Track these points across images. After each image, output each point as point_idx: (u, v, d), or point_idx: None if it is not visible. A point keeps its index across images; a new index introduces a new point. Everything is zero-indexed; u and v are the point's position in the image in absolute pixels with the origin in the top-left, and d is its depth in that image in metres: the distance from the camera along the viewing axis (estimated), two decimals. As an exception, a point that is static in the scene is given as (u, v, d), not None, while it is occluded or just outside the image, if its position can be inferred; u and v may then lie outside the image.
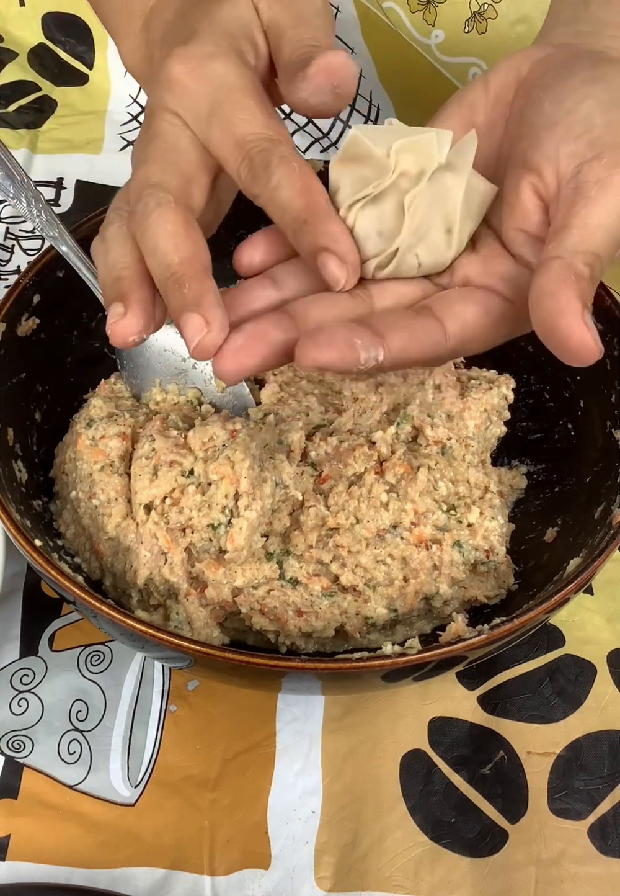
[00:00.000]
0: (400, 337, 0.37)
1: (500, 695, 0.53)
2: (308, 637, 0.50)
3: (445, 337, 0.38)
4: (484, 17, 0.69)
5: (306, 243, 0.37)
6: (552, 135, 0.39)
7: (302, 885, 0.47)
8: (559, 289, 0.35)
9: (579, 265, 0.36)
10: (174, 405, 0.55)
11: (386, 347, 0.37)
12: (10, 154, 0.55)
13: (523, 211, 0.40)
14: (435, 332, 0.38)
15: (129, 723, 0.52)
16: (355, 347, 0.36)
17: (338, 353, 0.36)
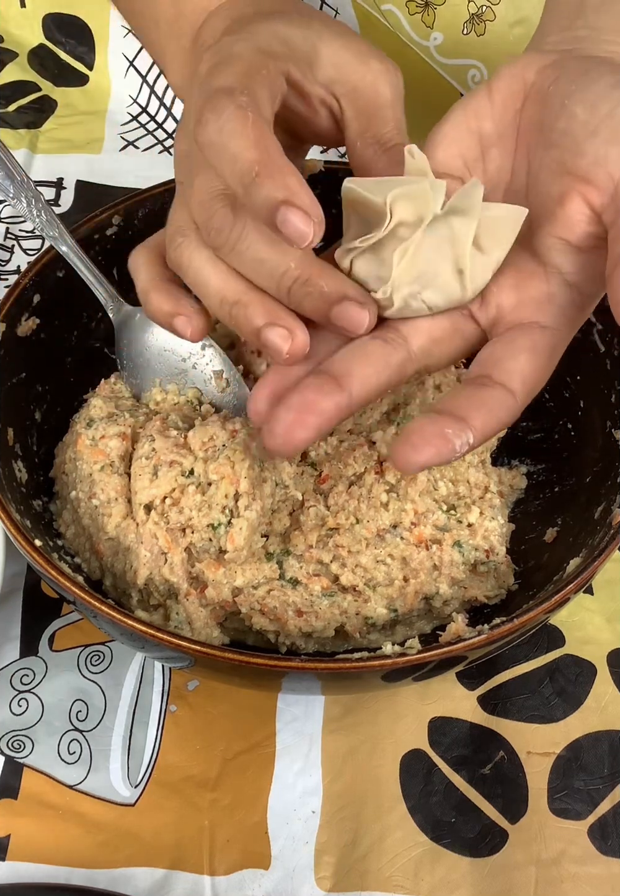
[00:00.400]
0: (481, 416, 0.37)
1: (500, 695, 0.53)
2: (308, 637, 0.50)
3: (515, 398, 0.38)
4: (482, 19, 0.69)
5: (261, 199, 0.35)
6: (596, 140, 0.38)
7: (302, 885, 0.47)
8: None
9: None
10: (174, 405, 0.55)
11: (473, 427, 0.37)
12: (10, 154, 0.55)
13: (567, 220, 0.39)
14: (507, 399, 0.38)
15: (129, 723, 0.52)
16: (449, 438, 0.36)
17: (436, 449, 0.36)
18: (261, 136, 0.36)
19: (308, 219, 0.35)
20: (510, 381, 0.38)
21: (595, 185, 0.38)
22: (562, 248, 0.40)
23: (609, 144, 0.38)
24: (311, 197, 0.35)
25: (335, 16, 0.73)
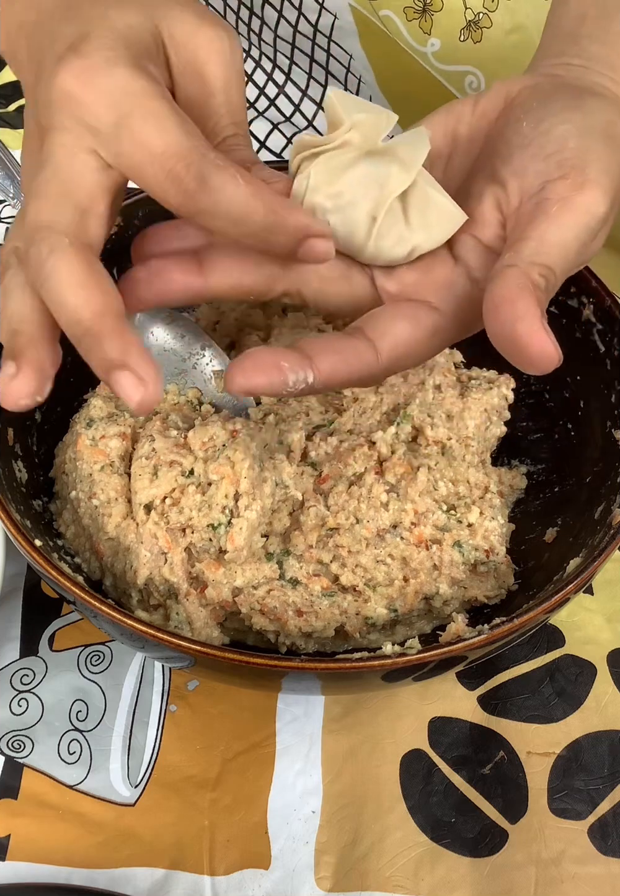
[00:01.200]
0: (329, 359, 0.38)
1: (500, 695, 0.53)
2: (308, 637, 0.50)
3: (377, 356, 0.39)
4: (479, 26, 0.69)
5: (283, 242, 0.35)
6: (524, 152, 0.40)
7: (302, 885, 0.47)
8: (518, 296, 0.35)
9: (535, 275, 0.36)
10: (174, 405, 0.55)
11: (316, 369, 0.37)
12: (11, 154, 0.55)
13: (481, 219, 0.40)
14: (366, 353, 0.39)
15: (129, 723, 0.52)
16: (283, 370, 0.36)
17: (266, 377, 0.36)
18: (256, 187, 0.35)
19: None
20: (379, 340, 0.39)
21: (506, 193, 0.39)
22: (473, 245, 0.40)
23: (533, 159, 0.39)
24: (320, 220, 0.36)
25: (334, 20, 0.74)
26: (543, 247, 0.37)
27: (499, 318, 0.35)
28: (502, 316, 0.35)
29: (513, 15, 0.68)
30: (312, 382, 0.37)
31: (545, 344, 0.34)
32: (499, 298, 0.35)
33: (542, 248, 0.37)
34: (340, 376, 0.38)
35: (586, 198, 0.38)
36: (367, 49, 0.74)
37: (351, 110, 0.40)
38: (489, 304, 0.36)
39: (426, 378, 0.54)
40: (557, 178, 0.38)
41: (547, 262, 0.37)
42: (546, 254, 0.37)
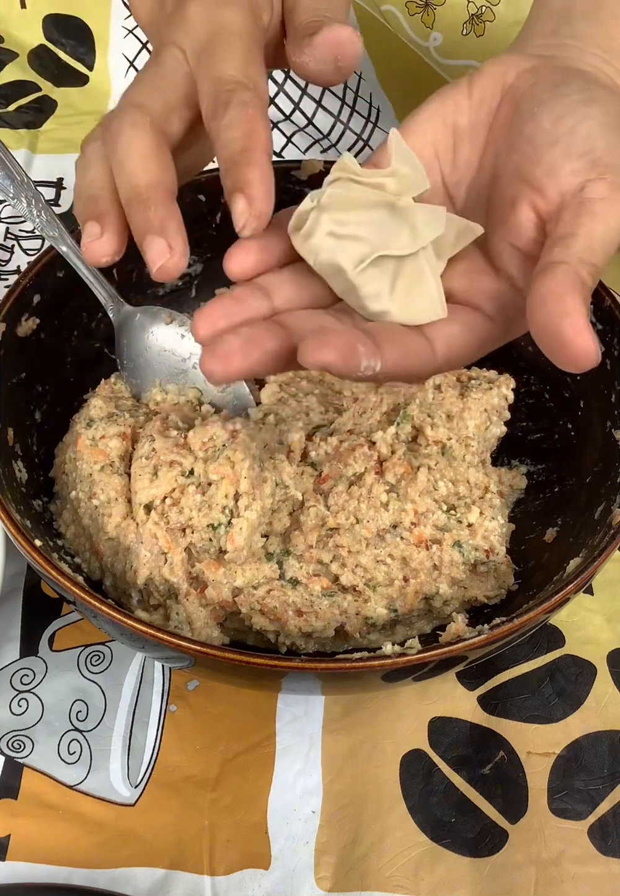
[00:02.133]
0: (396, 351, 0.38)
1: (500, 695, 0.53)
2: (308, 637, 0.50)
3: (434, 355, 0.39)
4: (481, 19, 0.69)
5: (229, 182, 0.38)
6: (553, 152, 0.39)
7: (302, 885, 0.47)
8: (566, 292, 0.35)
9: (584, 273, 0.36)
10: (174, 405, 0.55)
11: (383, 359, 0.37)
12: (10, 154, 0.55)
13: (517, 225, 0.40)
14: (427, 350, 0.39)
15: (129, 723, 0.52)
16: (357, 353, 0.36)
17: (341, 355, 0.36)
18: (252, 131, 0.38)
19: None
20: (436, 340, 0.39)
21: (543, 195, 0.39)
22: (512, 253, 0.40)
23: (564, 158, 0.39)
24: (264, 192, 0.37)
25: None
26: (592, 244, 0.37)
27: (546, 311, 0.35)
28: (549, 310, 0.35)
29: (516, 8, 0.68)
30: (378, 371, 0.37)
31: (589, 344, 0.34)
32: (548, 293, 0.35)
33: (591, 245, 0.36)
34: (401, 370, 0.38)
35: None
36: (368, 44, 0.74)
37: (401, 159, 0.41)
38: (536, 298, 0.35)
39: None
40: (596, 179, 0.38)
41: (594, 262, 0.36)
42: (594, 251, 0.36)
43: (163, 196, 0.38)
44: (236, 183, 0.37)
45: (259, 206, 0.37)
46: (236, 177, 0.37)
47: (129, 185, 0.38)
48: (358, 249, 0.39)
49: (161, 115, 0.40)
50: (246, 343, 0.36)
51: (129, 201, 0.38)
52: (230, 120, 0.38)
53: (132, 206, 0.38)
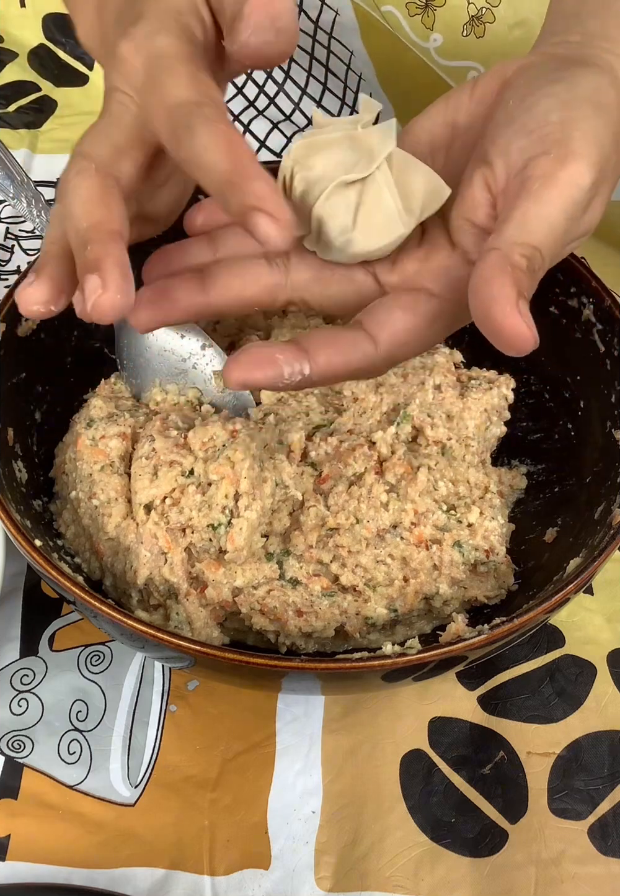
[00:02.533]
0: (326, 351, 0.38)
1: (500, 695, 0.53)
2: (308, 637, 0.50)
3: (375, 347, 0.39)
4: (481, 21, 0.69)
5: (234, 204, 0.36)
6: (508, 130, 0.39)
7: (302, 885, 0.47)
8: (493, 277, 0.35)
9: (515, 256, 0.36)
10: (174, 405, 0.55)
11: (313, 361, 0.38)
12: (10, 154, 0.55)
13: (472, 201, 0.40)
14: (364, 344, 0.39)
15: (129, 723, 0.52)
16: (277, 363, 0.37)
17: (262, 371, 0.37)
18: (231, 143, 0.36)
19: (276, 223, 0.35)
20: (376, 330, 0.39)
21: (493, 172, 0.39)
22: (468, 228, 0.40)
23: (516, 135, 0.39)
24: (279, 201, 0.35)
25: (335, 17, 0.73)
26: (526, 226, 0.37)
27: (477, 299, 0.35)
28: (480, 297, 0.35)
29: (517, 10, 0.68)
30: (309, 374, 0.38)
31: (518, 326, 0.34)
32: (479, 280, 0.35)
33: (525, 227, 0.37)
34: (337, 368, 0.39)
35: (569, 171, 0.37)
36: (368, 45, 0.74)
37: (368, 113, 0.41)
38: (471, 286, 0.36)
39: (426, 378, 0.54)
40: (540, 155, 0.37)
41: (531, 242, 0.36)
42: (529, 233, 0.36)
43: (104, 236, 0.36)
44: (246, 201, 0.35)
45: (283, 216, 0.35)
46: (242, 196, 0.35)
47: (74, 231, 0.37)
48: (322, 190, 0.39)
49: (108, 160, 0.39)
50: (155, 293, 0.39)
51: (75, 247, 0.37)
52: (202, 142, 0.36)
53: (76, 252, 0.37)
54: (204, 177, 0.37)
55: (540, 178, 0.37)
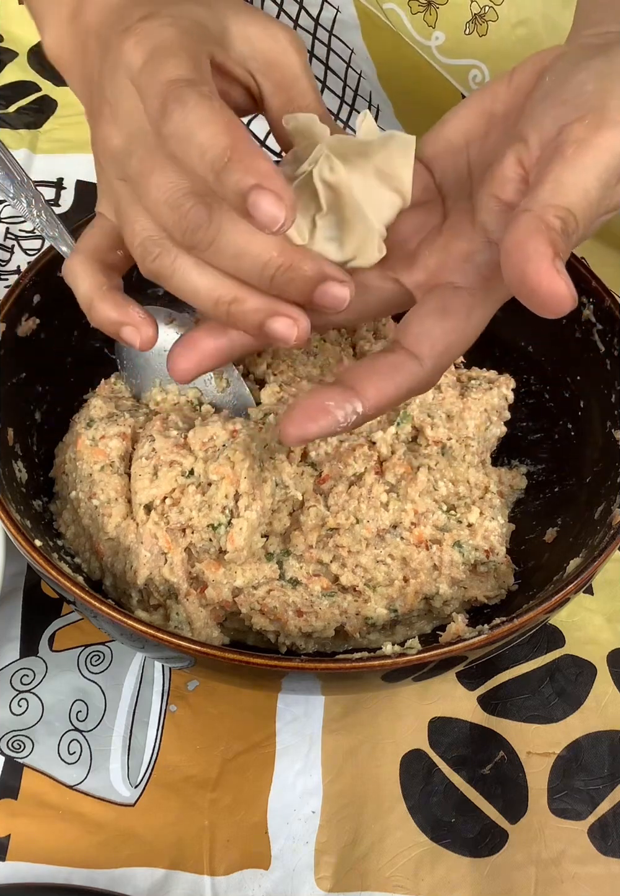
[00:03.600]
0: (374, 383, 0.37)
1: (500, 695, 0.53)
2: (308, 637, 0.50)
3: (420, 363, 0.38)
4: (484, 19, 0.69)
5: (232, 183, 0.34)
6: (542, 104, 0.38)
7: (302, 885, 0.47)
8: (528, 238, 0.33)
9: (549, 216, 0.34)
10: (174, 405, 0.55)
11: (363, 398, 0.37)
12: (10, 154, 0.55)
13: (501, 177, 0.39)
14: (409, 364, 0.38)
15: (129, 723, 0.52)
16: (329, 411, 0.36)
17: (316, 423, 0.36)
18: (230, 122, 0.35)
19: (280, 202, 0.33)
20: (415, 346, 0.38)
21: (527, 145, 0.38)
22: (493, 205, 0.39)
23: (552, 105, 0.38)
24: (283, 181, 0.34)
25: (336, 14, 0.73)
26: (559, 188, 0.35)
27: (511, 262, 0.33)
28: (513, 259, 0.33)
29: (520, 8, 0.68)
30: (363, 412, 0.37)
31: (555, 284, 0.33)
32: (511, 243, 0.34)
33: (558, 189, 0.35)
34: (389, 396, 0.38)
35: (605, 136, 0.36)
36: (369, 43, 0.74)
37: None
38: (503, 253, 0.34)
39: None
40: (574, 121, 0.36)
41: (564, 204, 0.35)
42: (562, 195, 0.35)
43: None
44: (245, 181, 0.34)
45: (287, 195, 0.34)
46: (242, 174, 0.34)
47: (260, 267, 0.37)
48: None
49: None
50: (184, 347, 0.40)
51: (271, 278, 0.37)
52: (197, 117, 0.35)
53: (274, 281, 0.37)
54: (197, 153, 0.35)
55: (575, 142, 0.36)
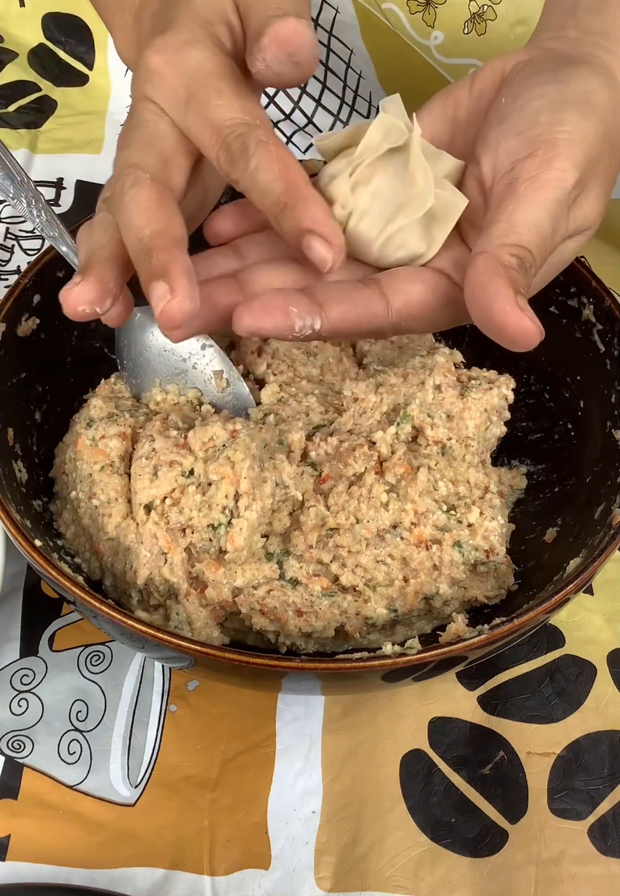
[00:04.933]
0: (339, 307, 0.38)
1: (500, 695, 0.53)
2: (308, 637, 0.50)
3: (387, 310, 0.39)
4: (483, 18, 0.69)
5: (288, 227, 0.37)
6: (498, 129, 0.40)
7: (302, 886, 0.47)
8: (488, 280, 0.36)
9: (504, 256, 0.36)
10: (174, 405, 0.55)
11: (325, 317, 0.38)
12: (10, 154, 0.55)
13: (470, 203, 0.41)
14: (377, 305, 0.39)
15: (129, 723, 0.52)
16: (290, 315, 0.37)
17: (273, 320, 0.37)
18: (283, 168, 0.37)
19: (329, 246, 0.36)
20: (393, 296, 0.39)
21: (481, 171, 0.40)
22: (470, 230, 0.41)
23: (505, 136, 0.39)
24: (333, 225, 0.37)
25: (335, 14, 0.73)
26: (513, 227, 0.37)
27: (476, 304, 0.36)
28: (478, 302, 0.36)
29: (518, 7, 0.68)
30: (319, 329, 0.38)
31: (521, 321, 0.35)
32: (474, 285, 0.36)
33: (512, 228, 0.37)
34: (348, 325, 0.39)
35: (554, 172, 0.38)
36: (368, 43, 0.74)
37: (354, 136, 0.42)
38: (467, 294, 0.36)
39: (426, 378, 0.54)
40: (526, 157, 0.38)
41: (519, 242, 0.37)
42: (516, 233, 0.37)
43: (168, 242, 0.37)
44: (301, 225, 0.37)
45: (337, 240, 0.37)
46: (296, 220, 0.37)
47: (136, 240, 0.37)
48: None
49: (159, 169, 0.39)
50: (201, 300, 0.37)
51: (137, 255, 0.37)
52: (257, 164, 0.37)
53: (139, 260, 0.37)
54: (258, 198, 0.38)
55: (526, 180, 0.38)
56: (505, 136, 0.39)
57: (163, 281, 0.36)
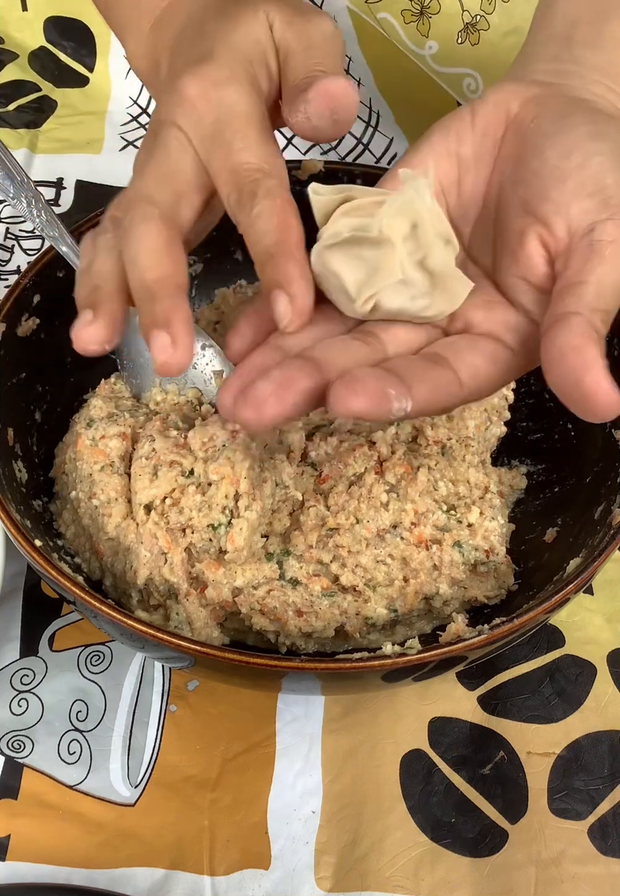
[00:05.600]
0: (425, 388, 0.37)
1: (500, 695, 0.53)
2: (308, 637, 0.50)
3: (461, 387, 0.38)
4: (476, 28, 0.69)
5: (266, 277, 0.38)
6: (562, 189, 0.39)
7: (302, 886, 0.47)
8: (584, 345, 0.35)
9: (597, 322, 0.36)
10: (174, 405, 0.55)
11: (414, 398, 0.36)
12: (10, 154, 0.55)
13: (527, 261, 0.39)
14: (454, 384, 0.38)
15: (129, 723, 0.52)
16: (388, 397, 0.35)
17: (371, 401, 0.35)
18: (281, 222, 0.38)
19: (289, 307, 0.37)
20: (462, 371, 0.38)
21: (552, 232, 0.39)
22: (525, 287, 0.40)
23: (574, 196, 0.38)
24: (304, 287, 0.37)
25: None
26: (602, 291, 0.36)
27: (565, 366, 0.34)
28: (568, 364, 0.34)
29: (510, 17, 0.68)
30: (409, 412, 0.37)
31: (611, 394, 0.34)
32: (566, 346, 0.35)
33: (601, 292, 0.36)
34: (431, 407, 0.38)
35: None
36: (366, 52, 0.74)
37: None
38: (553, 352, 0.35)
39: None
40: (606, 220, 0.37)
41: (606, 307, 0.36)
42: (605, 298, 0.36)
43: (171, 290, 0.37)
44: (275, 278, 0.37)
45: (300, 303, 0.37)
46: (274, 271, 0.37)
47: (140, 279, 0.38)
48: None
49: (170, 206, 0.40)
50: (279, 386, 0.35)
51: (139, 295, 0.38)
52: (260, 212, 0.38)
53: (141, 300, 0.38)
54: (252, 241, 0.38)
55: (610, 243, 0.37)
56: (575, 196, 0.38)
57: (165, 331, 0.36)
